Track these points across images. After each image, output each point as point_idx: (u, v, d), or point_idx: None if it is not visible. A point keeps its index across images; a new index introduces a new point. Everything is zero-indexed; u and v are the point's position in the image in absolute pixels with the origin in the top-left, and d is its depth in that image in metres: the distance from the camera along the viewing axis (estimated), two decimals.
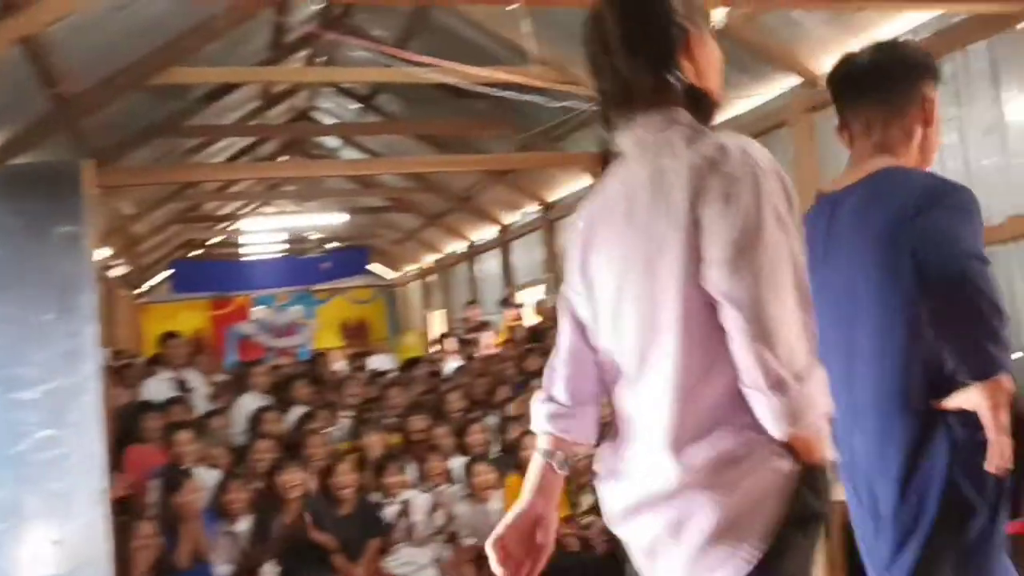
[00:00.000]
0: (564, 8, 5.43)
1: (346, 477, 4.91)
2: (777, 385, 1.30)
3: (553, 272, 10.40)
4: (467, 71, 4.71)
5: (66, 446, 2.83)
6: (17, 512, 2.83)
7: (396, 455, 5.27)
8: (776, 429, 1.32)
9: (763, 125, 6.27)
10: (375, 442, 5.36)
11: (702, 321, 1.36)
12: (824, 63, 5.62)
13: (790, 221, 1.36)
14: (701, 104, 1.47)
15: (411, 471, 5.18)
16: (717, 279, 1.33)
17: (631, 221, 1.45)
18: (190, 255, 16.03)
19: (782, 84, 6.03)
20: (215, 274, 13.65)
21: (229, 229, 15.00)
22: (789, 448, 1.34)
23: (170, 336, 6.69)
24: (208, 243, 16.40)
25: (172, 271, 14.68)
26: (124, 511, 4.46)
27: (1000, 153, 4.53)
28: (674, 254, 1.37)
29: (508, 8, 3.58)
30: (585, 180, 9.34)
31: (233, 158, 11.26)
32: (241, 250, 16.88)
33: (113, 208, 9.20)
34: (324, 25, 8.22)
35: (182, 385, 6.15)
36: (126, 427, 5.23)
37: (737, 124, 6.58)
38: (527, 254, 11.39)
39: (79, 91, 6.06)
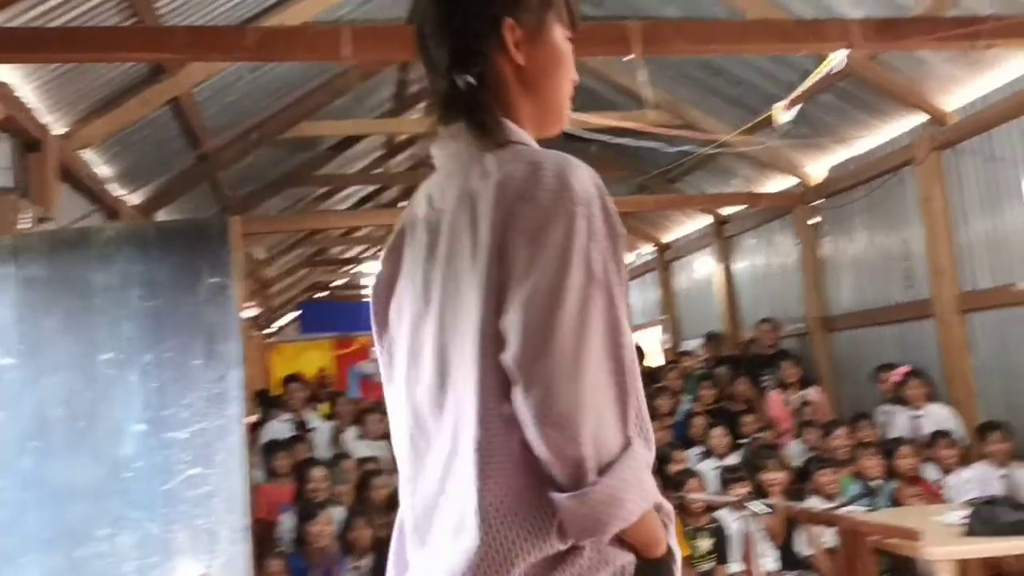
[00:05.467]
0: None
1: None
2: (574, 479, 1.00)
3: (670, 313, 10.33)
4: (585, 118, 4.81)
5: (212, 484, 3.01)
6: (166, 546, 3.02)
7: None
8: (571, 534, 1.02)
9: (889, 163, 6.11)
10: None
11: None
12: (951, 100, 5.46)
13: (611, 269, 1.06)
14: (486, 119, 1.15)
15: None
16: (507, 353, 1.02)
17: (431, 255, 1.16)
18: (316, 297, 16.64)
19: (908, 122, 5.88)
20: (339, 315, 14.09)
21: (352, 272, 15.53)
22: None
23: (291, 379, 6.82)
24: (333, 285, 17.00)
25: (299, 312, 15.27)
26: (256, 546, 4.65)
27: None
28: (472, 303, 1.06)
29: (624, 59, 3.66)
30: (702, 220, 9.27)
31: (357, 204, 11.71)
32: (363, 292, 17.44)
33: (246, 253, 9.69)
34: None
35: (302, 426, 6.28)
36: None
37: (863, 162, 6.43)
38: (643, 295, 11.35)
39: (217, 146, 6.48)
